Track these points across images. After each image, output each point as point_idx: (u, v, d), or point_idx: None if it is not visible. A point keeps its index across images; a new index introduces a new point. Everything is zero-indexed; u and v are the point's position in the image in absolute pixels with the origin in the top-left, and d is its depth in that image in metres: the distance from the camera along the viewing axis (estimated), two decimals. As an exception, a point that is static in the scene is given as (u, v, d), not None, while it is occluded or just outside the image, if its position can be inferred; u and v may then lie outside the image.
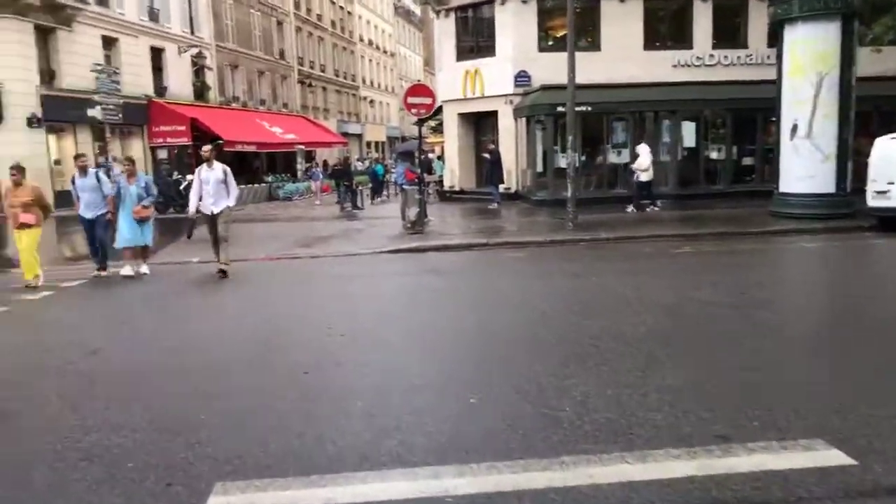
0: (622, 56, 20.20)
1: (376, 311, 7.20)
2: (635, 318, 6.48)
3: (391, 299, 7.88)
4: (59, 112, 22.24)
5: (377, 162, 36.29)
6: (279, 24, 40.52)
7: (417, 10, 75.88)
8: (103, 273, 10.27)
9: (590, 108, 18.63)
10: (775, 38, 19.61)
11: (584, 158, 19.45)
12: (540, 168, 19.67)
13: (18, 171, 9.47)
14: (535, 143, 19.68)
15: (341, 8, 51.38)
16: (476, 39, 22.45)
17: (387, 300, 7.81)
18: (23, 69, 21.15)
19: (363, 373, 5.13)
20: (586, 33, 21.36)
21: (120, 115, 21.11)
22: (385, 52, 62.32)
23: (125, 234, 10.24)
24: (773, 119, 16.53)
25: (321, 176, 25.70)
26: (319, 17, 46.89)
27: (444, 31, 23.03)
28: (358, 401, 4.53)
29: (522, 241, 13.35)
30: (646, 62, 20.51)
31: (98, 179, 10.09)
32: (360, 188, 22.96)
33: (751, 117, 20.12)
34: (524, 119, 20.85)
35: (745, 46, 21.04)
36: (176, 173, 22.77)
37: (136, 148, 27.31)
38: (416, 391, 4.70)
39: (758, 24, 20.88)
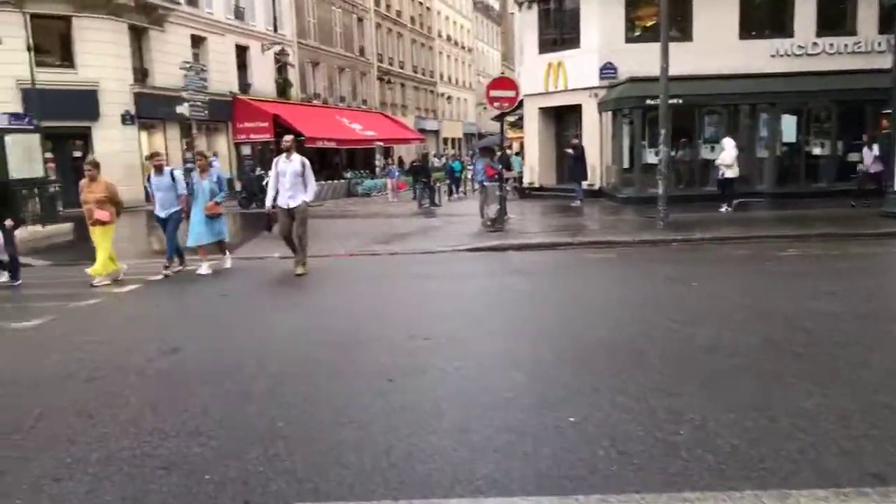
0: (716, 46, 19.08)
1: (459, 313, 6.82)
2: (748, 329, 5.85)
3: (474, 301, 7.48)
4: (150, 109, 23.02)
5: (454, 158, 36.11)
6: (360, 20, 40.86)
7: (496, 4, 75.34)
8: (169, 270, 9.93)
9: (681, 101, 17.64)
10: (888, 24, 18.12)
11: (673, 154, 18.48)
12: (626, 164, 18.85)
13: (93, 166, 9.37)
14: (621, 138, 18.89)
15: (420, 3, 51.42)
16: (560, 31, 21.77)
17: (470, 302, 7.41)
18: (117, 68, 21.97)
19: (450, 382, 4.76)
20: (677, 22, 20.28)
21: (206, 112, 21.63)
22: (463, 47, 62.06)
23: (197, 231, 10.02)
24: (887, 112, 15.19)
25: (397, 173, 25.64)
26: (399, 13, 47.06)
27: (527, 23, 22.45)
28: (447, 414, 4.16)
29: (610, 241, 12.69)
30: (741, 52, 19.32)
31: (172, 178, 9.88)
32: (437, 185, 22.74)
33: (858, 110, 18.64)
34: (609, 113, 20.06)
35: (852, 34, 19.50)
36: (258, 168, 23.13)
37: (221, 144, 28.08)
38: (510, 406, 4.28)
39: (867, 9, 19.33)
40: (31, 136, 15.50)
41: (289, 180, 9.37)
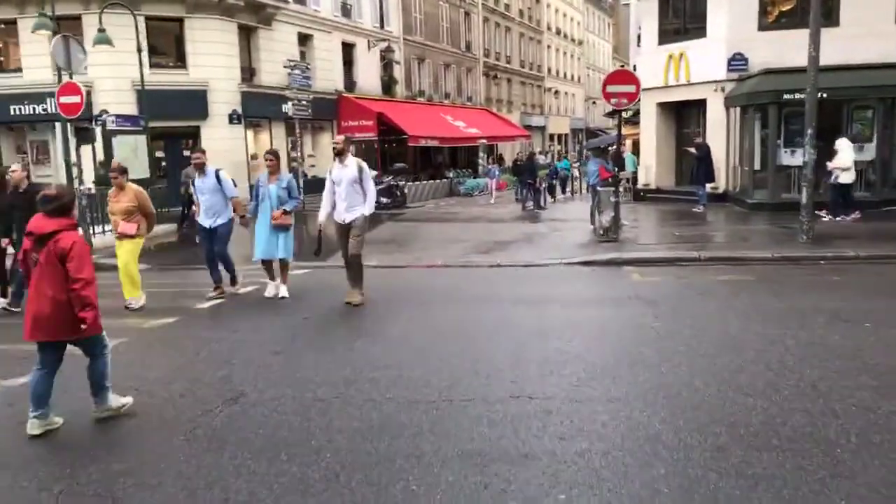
0: (867, 31, 16.62)
1: (573, 360, 5.61)
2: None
3: (591, 342, 6.18)
4: (256, 108, 23.10)
5: (561, 157, 34.53)
6: (467, 15, 39.99)
7: (608, -5, 72.46)
8: (218, 294, 8.61)
9: (825, 95, 15.40)
10: None
11: (814, 155, 16.26)
12: (757, 165, 16.81)
13: (120, 173, 8.08)
14: (751, 137, 16.85)
15: (529, -4, 49.93)
16: (683, 19, 19.86)
17: (585, 343, 6.12)
18: (226, 68, 22.14)
19: (567, 479, 3.61)
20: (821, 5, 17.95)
21: (310, 111, 21.37)
22: (573, 40, 59.94)
23: (260, 243, 8.54)
24: None
25: (497, 173, 24.34)
26: (507, 6, 45.82)
27: (645, 10, 20.69)
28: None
29: (744, 258, 11.03)
30: (898, 38, 16.82)
31: (218, 179, 8.48)
32: (543, 186, 21.44)
33: None
34: (738, 108, 18.02)
35: None
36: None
37: (325, 143, 27.95)
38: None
39: None
40: (139, 137, 15.59)
41: (344, 189, 7.82)
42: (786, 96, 15.71)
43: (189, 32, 21.58)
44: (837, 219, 14.18)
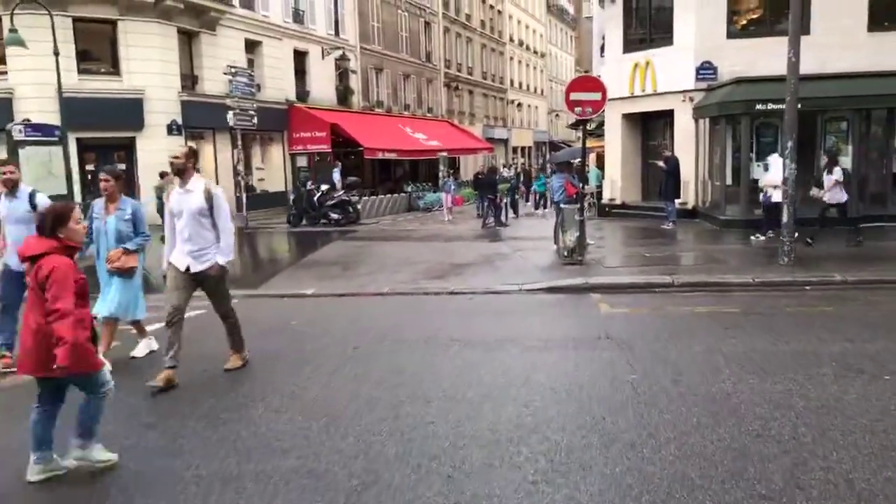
0: (839, 40, 15.94)
1: (529, 436, 4.36)
2: None
3: (552, 407, 4.92)
4: (199, 118, 21.53)
5: (536, 174, 33.39)
6: (427, 25, 38.92)
7: (570, 7, 72.43)
8: (4, 367, 6.22)
9: (799, 105, 14.61)
10: None
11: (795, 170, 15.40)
12: (729, 180, 15.90)
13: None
14: (723, 149, 15.95)
15: (491, 7, 49.17)
16: (648, 27, 18.99)
17: (545, 409, 4.86)
18: (164, 75, 20.55)
19: None
20: (785, 14, 17.22)
21: (254, 121, 19.90)
22: (535, 52, 59.40)
23: (109, 295, 6.32)
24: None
25: (453, 187, 22.91)
26: (469, 17, 44.94)
27: (610, 18, 19.78)
28: None
29: (722, 283, 9.95)
30: (872, 47, 16.13)
31: (32, 203, 6.24)
32: (505, 201, 20.28)
33: None
34: (707, 119, 17.15)
35: None
36: (310, 182, 21.26)
37: (276, 155, 26.53)
38: None
39: None
40: (54, 149, 13.98)
41: (186, 224, 5.62)
42: (758, 106, 14.86)
43: (123, 36, 19.96)
44: (764, 237, 13.32)
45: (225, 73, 19.33)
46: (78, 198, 17.83)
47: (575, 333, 7.22)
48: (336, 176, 22.88)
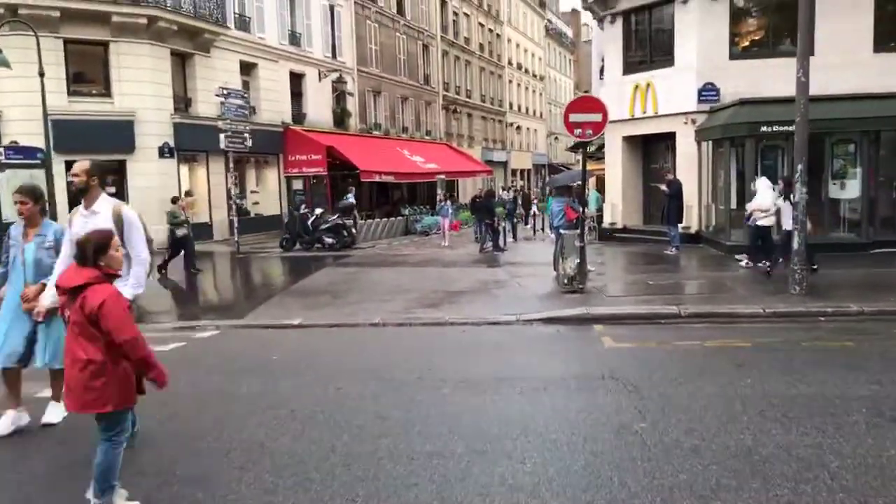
0: (844, 60, 15.59)
1: (528, 493, 3.82)
2: None
3: (550, 466, 4.36)
4: (192, 140, 21.13)
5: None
6: (425, 47, 38.78)
7: (569, 31, 72.70)
8: None
9: (805, 128, 14.21)
10: None
11: (805, 195, 14.94)
12: (734, 204, 15.42)
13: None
14: (727, 173, 15.49)
15: (490, 31, 49.17)
16: (649, 47, 18.67)
17: (543, 469, 4.29)
18: (157, 97, 20.20)
19: None
20: (793, 33, 16.87)
21: (247, 143, 19.48)
22: (534, 75, 59.40)
23: (11, 338, 5.16)
24: None
25: (450, 210, 22.20)
26: (467, 40, 44.87)
27: (609, 39, 19.46)
28: None
29: (731, 314, 9.42)
30: (876, 68, 15.79)
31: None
32: (503, 225, 19.80)
33: None
34: (710, 142, 16.73)
35: None
36: (304, 206, 20.78)
37: (271, 178, 26.13)
38: None
39: None
40: (36, 172, 13.52)
41: None
42: (764, 128, 14.43)
43: (115, 58, 19.62)
44: (759, 264, 12.78)
45: (217, 95, 18.92)
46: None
47: (577, 371, 6.67)
48: (351, 199, 22.33)
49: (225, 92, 18.76)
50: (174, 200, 15.47)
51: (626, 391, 5.81)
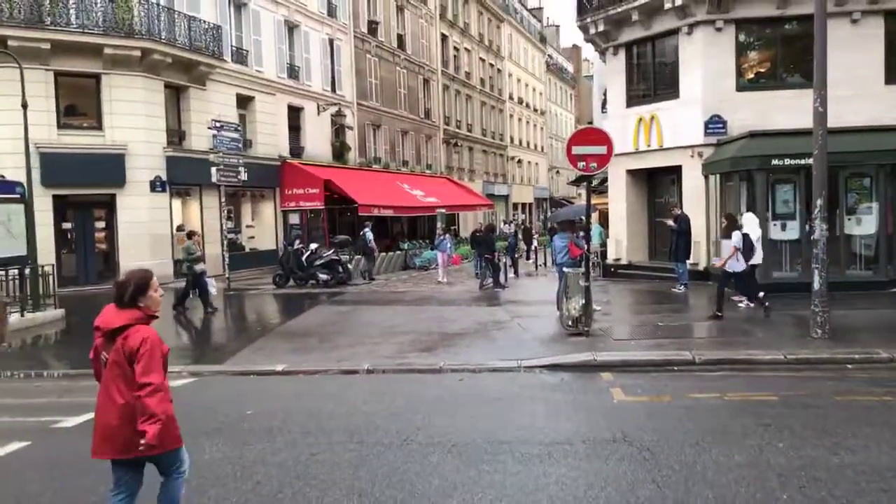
0: (855, 93, 15.13)
1: None
2: None
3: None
4: (185, 174, 20.60)
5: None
6: (426, 82, 38.61)
7: (570, 66, 73.05)
8: None
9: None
10: None
11: (807, 228, 14.32)
12: (744, 240, 14.72)
13: None
14: (737, 208, 14.84)
15: (491, 66, 49.18)
16: (653, 80, 18.21)
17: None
18: (149, 130, 19.72)
19: None
20: (801, 64, 16.44)
21: (241, 177, 18.95)
22: (535, 110, 59.36)
23: None
24: None
25: (449, 245, 21.29)
26: (468, 74, 44.79)
27: (612, 71, 19.03)
28: None
29: (751, 360, 8.70)
30: (891, 99, 15.32)
31: None
32: (503, 261, 19.11)
33: None
34: (718, 176, 16.14)
35: None
36: (298, 241, 20.14)
37: (268, 212, 25.56)
38: None
39: None
40: (13, 207, 12.93)
41: None
42: (775, 161, 13.84)
43: (106, 91, 19.19)
44: (741, 305, 12.57)
45: (210, 128, 18.44)
46: (51, 257, 16.85)
47: (584, 432, 5.92)
48: (369, 235, 21.55)
49: (217, 124, 18.29)
50: (190, 235, 14.80)
51: (642, 458, 5.07)
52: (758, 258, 12.30)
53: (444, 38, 41.02)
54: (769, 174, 14.25)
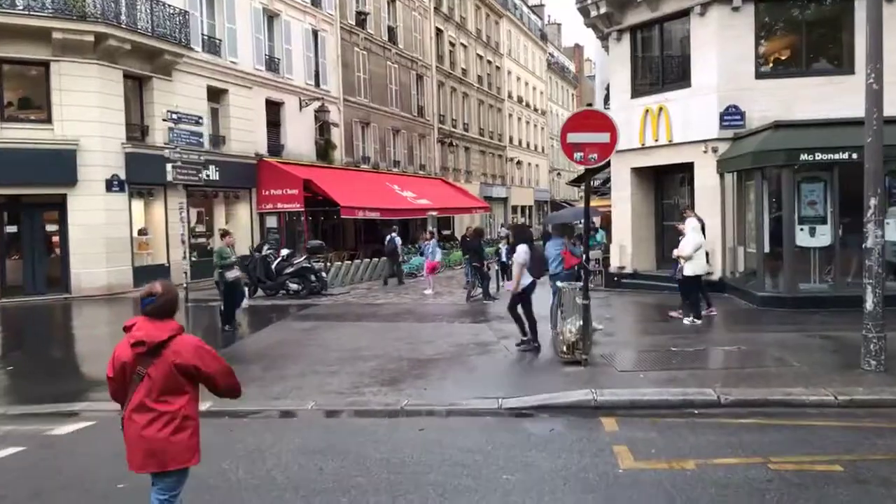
0: (891, 79, 13.18)
1: None
2: None
3: None
4: (147, 173, 18.69)
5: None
6: (419, 78, 36.78)
7: (572, 66, 71.27)
8: None
9: (854, 156, 11.74)
10: None
11: (840, 234, 12.45)
12: (767, 247, 12.87)
13: None
14: (759, 210, 12.96)
15: (489, 62, 47.34)
16: (661, 67, 16.35)
17: None
18: (105, 123, 17.88)
19: None
20: (830, 48, 14.62)
21: (202, 175, 17.13)
22: (535, 109, 57.50)
23: None
24: None
25: (433, 251, 18.89)
26: (465, 71, 42.95)
27: (616, 59, 17.15)
28: None
29: (791, 403, 6.85)
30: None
31: None
32: (494, 269, 17.22)
33: None
34: (735, 174, 14.28)
35: None
36: (266, 247, 18.26)
37: (243, 215, 23.68)
38: None
39: None
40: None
41: None
42: (804, 156, 11.97)
43: (56, 79, 17.37)
44: (687, 321, 11.15)
45: (165, 120, 16.61)
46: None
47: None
48: (397, 240, 20.17)
49: (174, 116, 16.44)
50: (223, 235, 12.73)
51: None
52: (699, 268, 11.08)
53: (438, 32, 39.19)
54: (796, 170, 12.37)
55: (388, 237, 21.31)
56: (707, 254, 12.05)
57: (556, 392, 7.42)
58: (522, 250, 9.26)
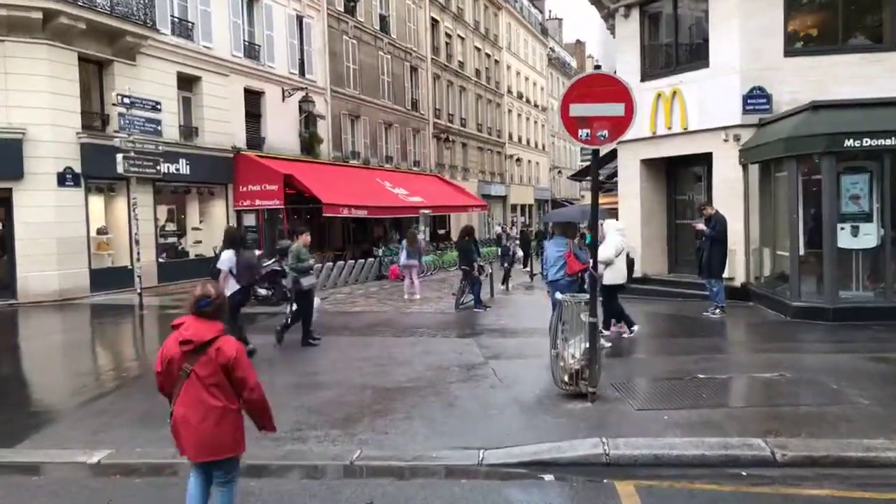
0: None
1: None
2: None
3: None
4: (107, 166, 16.62)
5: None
6: (413, 70, 34.96)
7: (573, 62, 69.51)
8: None
9: (904, 142, 9.97)
10: None
11: (882, 231, 10.65)
12: (802, 249, 11.06)
13: None
14: (792, 206, 11.11)
15: (488, 56, 45.53)
16: (675, 45, 14.54)
17: None
18: (57, 111, 16.12)
19: None
20: (870, 20, 12.83)
21: (159, 168, 15.36)
22: (535, 105, 55.68)
23: None
24: None
25: (409, 252, 16.65)
26: (461, 64, 41.13)
27: (624, 38, 15.31)
28: None
29: (870, 461, 5.06)
30: None
31: None
32: (486, 274, 15.37)
33: None
34: (759, 164, 12.48)
35: None
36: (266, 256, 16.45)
37: (219, 212, 21.88)
38: None
39: None
40: None
41: None
42: (848, 142, 10.15)
43: (0, 61, 15.60)
44: (604, 334, 9.14)
45: (115, 104, 14.82)
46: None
47: None
48: (420, 236, 17.80)
49: (126, 101, 14.62)
50: (299, 233, 10.51)
51: None
52: (619, 276, 9.47)
53: (434, 22, 37.38)
54: (837, 159, 10.56)
55: (414, 233, 19.47)
56: (632, 260, 10.28)
57: (554, 441, 5.64)
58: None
